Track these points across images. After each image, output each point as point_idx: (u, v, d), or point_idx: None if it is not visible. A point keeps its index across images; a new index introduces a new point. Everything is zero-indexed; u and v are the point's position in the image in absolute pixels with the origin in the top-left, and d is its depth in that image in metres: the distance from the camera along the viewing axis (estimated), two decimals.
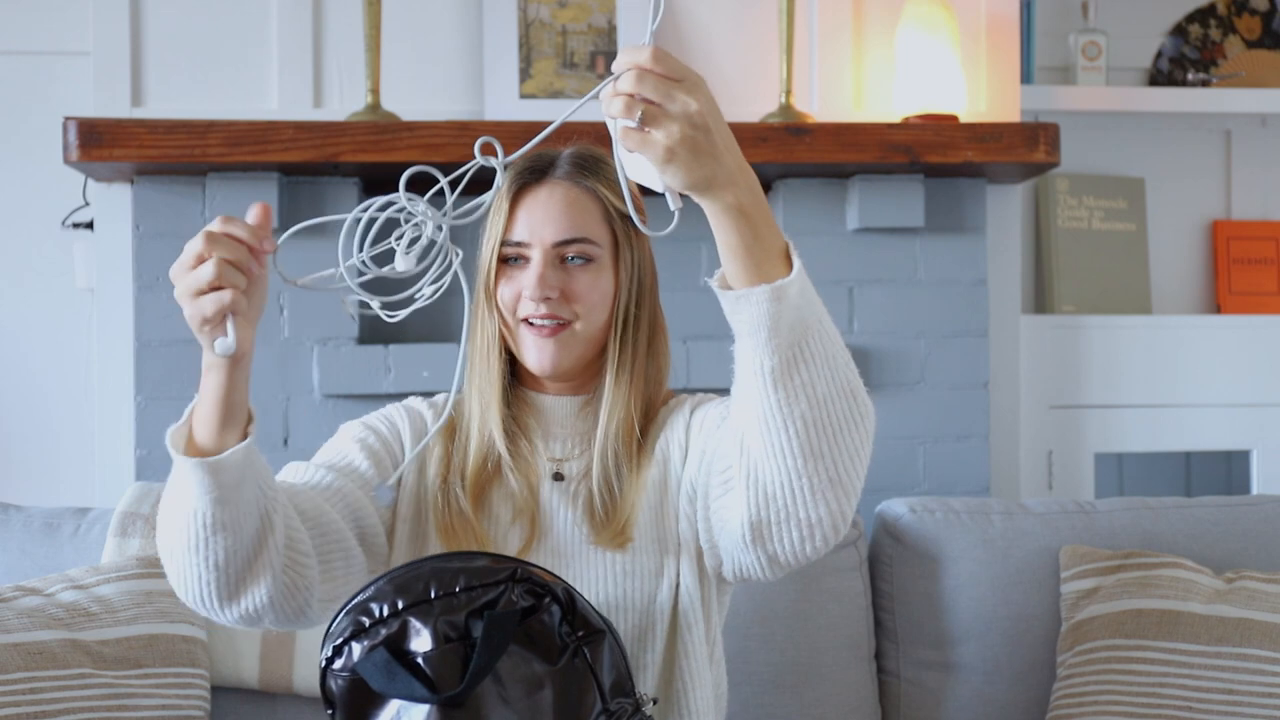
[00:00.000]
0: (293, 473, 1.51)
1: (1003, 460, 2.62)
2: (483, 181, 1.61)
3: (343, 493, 1.48)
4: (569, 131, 1.59)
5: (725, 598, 1.58)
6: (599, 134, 2.15)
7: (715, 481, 1.41)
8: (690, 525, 1.49)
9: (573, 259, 1.51)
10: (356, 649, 1.29)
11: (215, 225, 1.22)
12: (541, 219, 1.51)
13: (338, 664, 1.30)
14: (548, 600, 1.32)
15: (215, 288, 1.20)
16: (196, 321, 1.22)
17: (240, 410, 1.28)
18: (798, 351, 1.23)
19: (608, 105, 1.17)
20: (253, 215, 1.24)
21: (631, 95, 1.15)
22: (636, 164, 1.21)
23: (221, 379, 1.25)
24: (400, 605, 1.29)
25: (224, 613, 1.35)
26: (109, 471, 2.46)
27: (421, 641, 1.28)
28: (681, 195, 1.23)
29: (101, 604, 1.90)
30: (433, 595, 1.30)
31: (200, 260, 1.21)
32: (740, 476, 1.31)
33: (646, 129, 1.16)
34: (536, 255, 1.50)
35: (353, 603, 1.32)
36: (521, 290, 1.50)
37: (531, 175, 1.54)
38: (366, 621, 1.30)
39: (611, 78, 1.17)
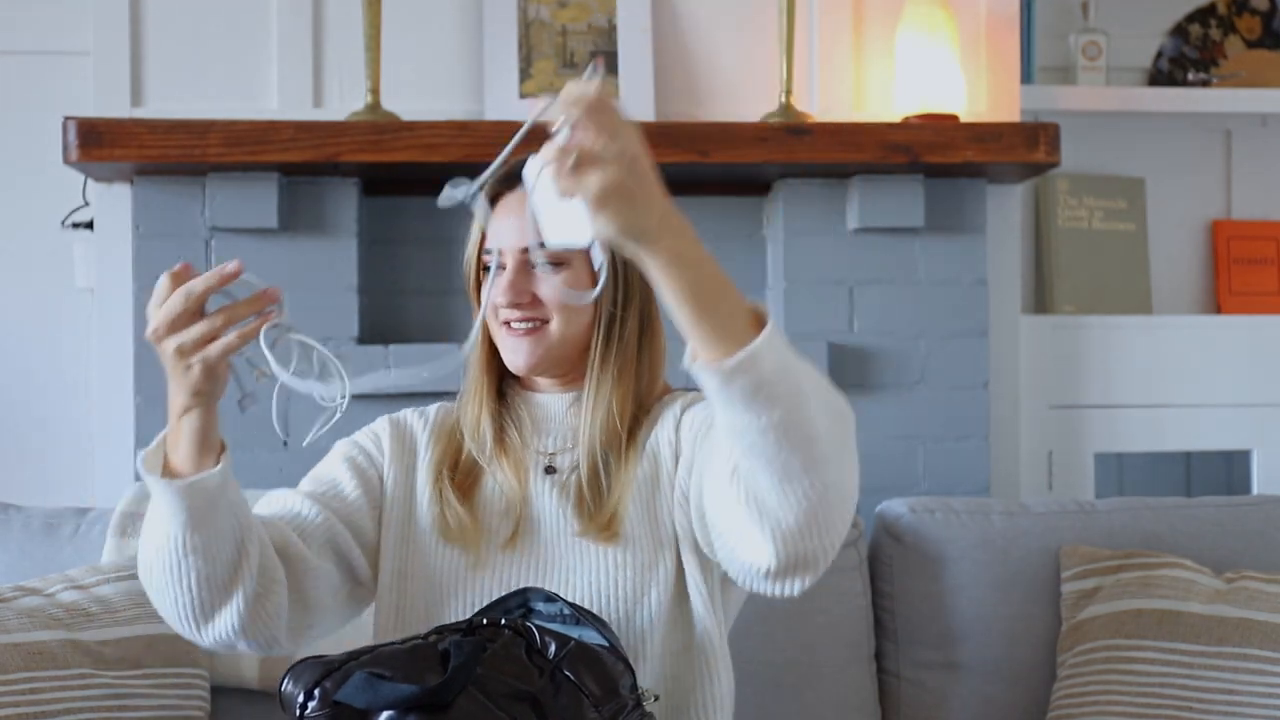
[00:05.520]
0: (277, 503, 1.55)
1: (1003, 460, 2.62)
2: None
3: (323, 524, 1.52)
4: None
5: (732, 595, 1.58)
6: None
7: (714, 520, 1.39)
8: (687, 523, 1.50)
9: (542, 264, 1.52)
10: (329, 685, 1.28)
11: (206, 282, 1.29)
12: (509, 226, 1.54)
13: (311, 706, 1.28)
14: (508, 632, 1.33)
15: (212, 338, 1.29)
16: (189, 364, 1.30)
17: (213, 442, 1.35)
18: (797, 401, 1.23)
19: (540, 155, 1.16)
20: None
21: (564, 146, 1.15)
22: (557, 220, 1.20)
23: (197, 419, 1.34)
24: (363, 657, 1.30)
25: (199, 634, 1.42)
26: (109, 471, 2.46)
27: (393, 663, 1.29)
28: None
29: (101, 604, 1.90)
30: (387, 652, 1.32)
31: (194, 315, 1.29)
32: (761, 532, 1.30)
33: (581, 172, 1.14)
34: (508, 262, 1.53)
35: (308, 660, 1.31)
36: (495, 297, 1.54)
37: (505, 183, 1.55)
38: (336, 662, 1.29)
39: (551, 100, 1.16)
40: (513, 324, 1.54)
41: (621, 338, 1.55)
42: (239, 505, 1.38)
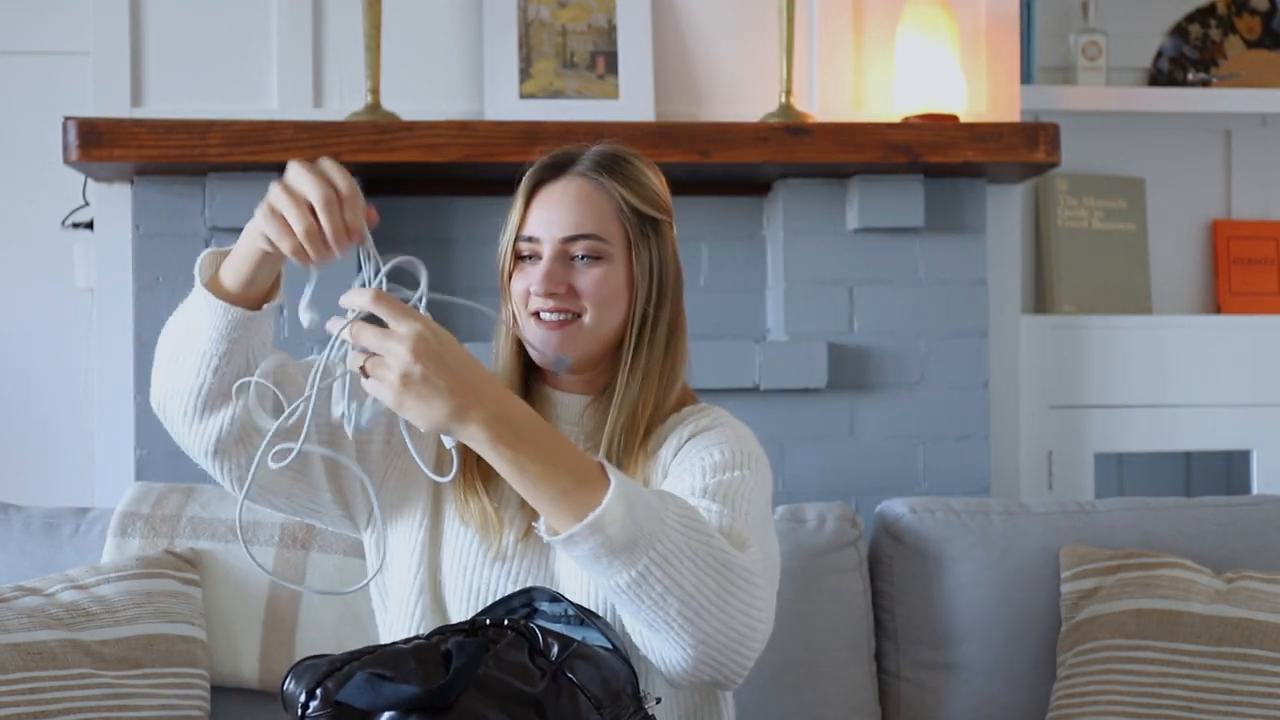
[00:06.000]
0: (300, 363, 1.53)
1: (1003, 460, 2.62)
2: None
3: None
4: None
5: None
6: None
7: None
8: None
9: (582, 256, 1.51)
10: (331, 685, 1.28)
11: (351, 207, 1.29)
12: (550, 216, 1.52)
13: (313, 706, 1.27)
14: (511, 633, 1.33)
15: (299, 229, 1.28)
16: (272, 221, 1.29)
17: (262, 281, 1.36)
18: (647, 564, 1.26)
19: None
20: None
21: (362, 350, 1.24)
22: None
23: (252, 255, 1.34)
24: (365, 657, 1.29)
25: (179, 430, 1.43)
26: (109, 471, 2.46)
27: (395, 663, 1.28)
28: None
29: (101, 604, 1.90)
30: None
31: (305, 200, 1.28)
32: (652, 658, 1.36)
33: (372, 384, 1.25)
34: (546, 250, 1.51)
35: (309, 660, 1.31)
36: (529, 285, 1.52)
37: (549, 171, 1.55)
38: (338, 662, 1.29)
39: (349, 319, 1.27)
40: (543, 314, 1.51)
41: (653, 339, 1.54)
42: (260, 350, 1.40)
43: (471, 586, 1.49)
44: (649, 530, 1.26)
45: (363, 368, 1.26)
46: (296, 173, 1.30)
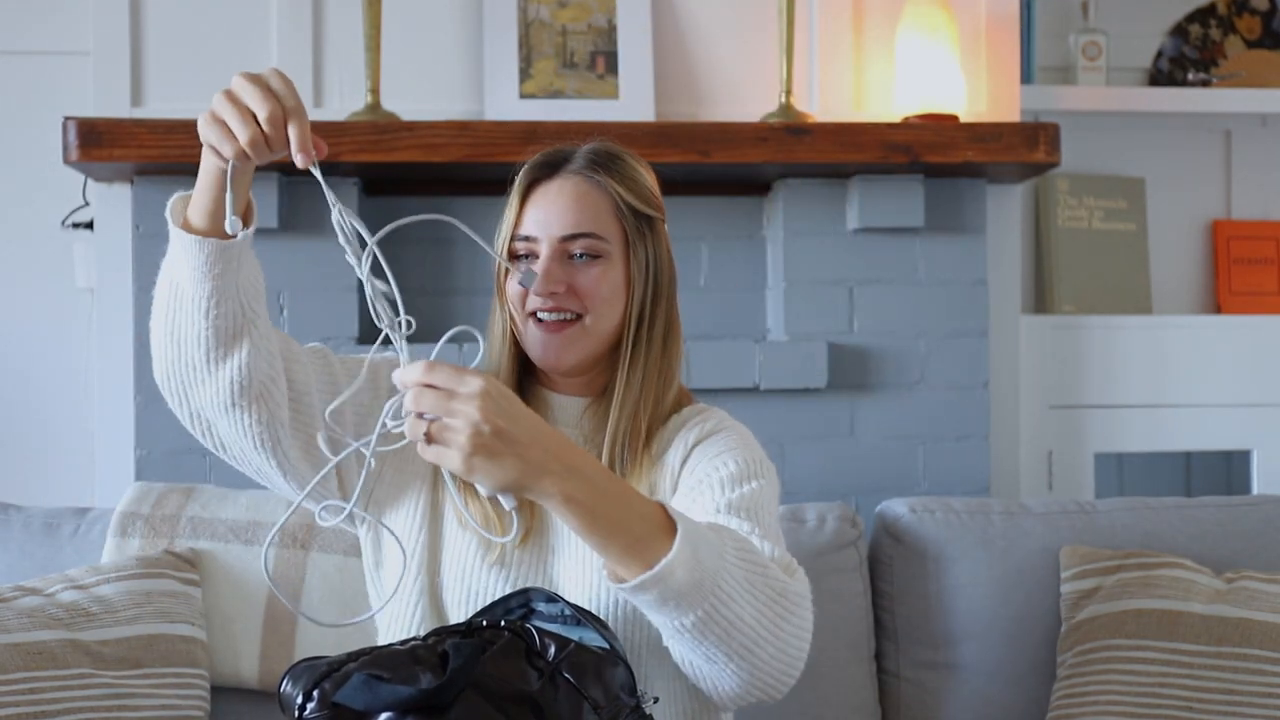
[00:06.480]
0: (313, 351, 1.51)
1: (1003, 460, 2.62)
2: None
3: (331, 374, 1.47)
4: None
5: None
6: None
7: None
8: None
9: (580, 255, 1.50)
10: (328, 686, 1.28)
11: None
12: (548, 214, 1.51)
13: (310, 707, 1.27)
14: (508, 634, 1.32)
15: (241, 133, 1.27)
16: (214, 130, 1.28)
17: (217, 209, 1.33)
18: (713, 603, 1.26)
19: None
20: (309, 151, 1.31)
21: (419, 415, 1.19)
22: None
23: (212, 175, 1.32)
24: (362, 659, 1.29)
25: (194, 392, 1.38)
26: (109, 471, 2.46)
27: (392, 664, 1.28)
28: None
29: (101, 604, 1.90)
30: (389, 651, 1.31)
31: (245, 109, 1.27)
32: (700, 685, 1.36)
33: (438, 450, 1.19)
34: (544, 250, 1.50)
35: (306, 661, 1.30)
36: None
37: (544, 170, 1.53)
38: (335, 663, 1.28)
39: (398, 396, 1.22)
40: (541, 315, 1.50)
41: (650, 338, 1.53)
42: (248, 288, 1.36)
43: (471, 590, 1.49)
44: (713, 570, 1.26)
45: (427, 433, 1.20)
46: (241, 84, 1.29)
